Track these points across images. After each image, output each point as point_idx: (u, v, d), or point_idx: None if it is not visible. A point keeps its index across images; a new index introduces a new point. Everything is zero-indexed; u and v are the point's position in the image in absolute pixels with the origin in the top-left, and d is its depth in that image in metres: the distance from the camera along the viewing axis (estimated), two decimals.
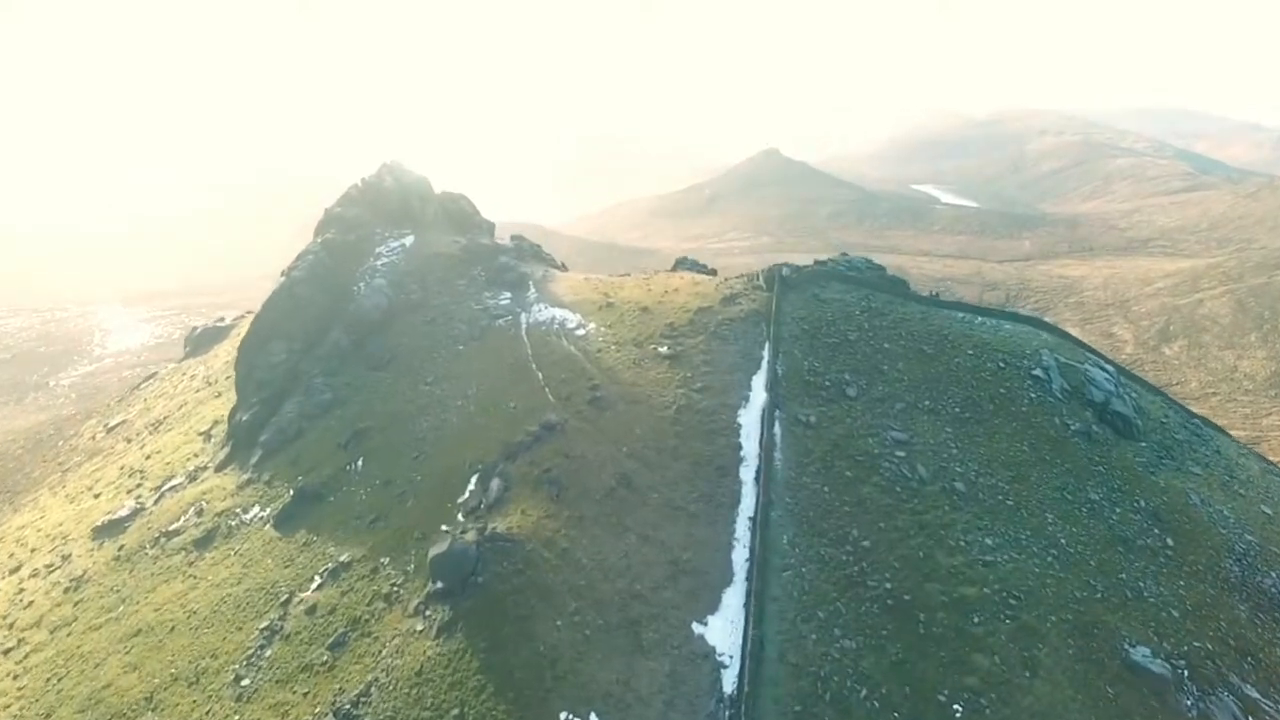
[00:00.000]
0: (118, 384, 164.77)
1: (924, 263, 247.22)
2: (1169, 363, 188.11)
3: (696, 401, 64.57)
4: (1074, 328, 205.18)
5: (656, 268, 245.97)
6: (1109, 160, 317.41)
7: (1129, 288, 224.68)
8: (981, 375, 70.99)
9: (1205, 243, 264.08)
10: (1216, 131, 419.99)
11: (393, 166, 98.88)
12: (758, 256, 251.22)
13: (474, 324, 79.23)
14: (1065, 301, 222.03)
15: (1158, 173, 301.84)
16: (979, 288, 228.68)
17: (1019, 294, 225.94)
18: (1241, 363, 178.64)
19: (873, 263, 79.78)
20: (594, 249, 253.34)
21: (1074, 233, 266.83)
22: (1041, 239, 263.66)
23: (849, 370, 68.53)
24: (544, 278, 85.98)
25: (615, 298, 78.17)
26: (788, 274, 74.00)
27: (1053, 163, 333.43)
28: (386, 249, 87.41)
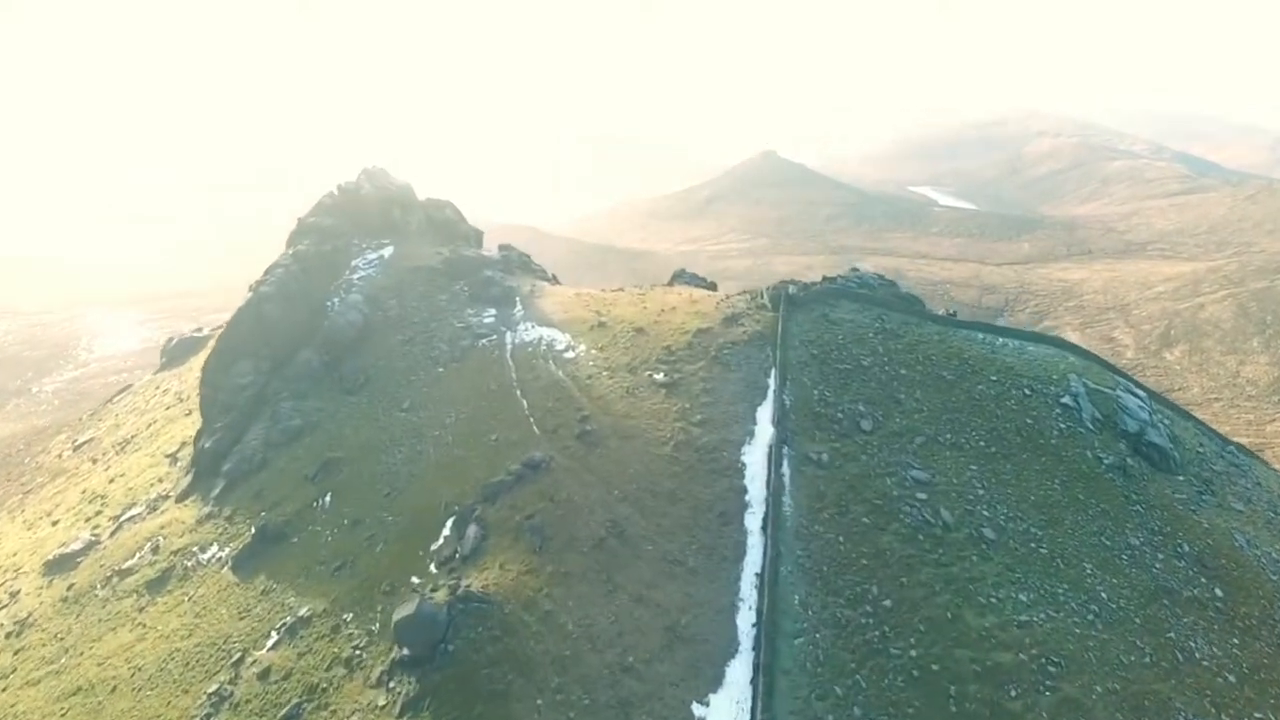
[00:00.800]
0: (102, 390, 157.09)
1: (922, 265, 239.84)
2: (1170, 368, 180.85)
3: (696, 437, 57.01)
4: (1074, 332, 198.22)
5: (654, 270, 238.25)
6: (1107, 162, 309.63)
7: (1129, 291, 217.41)
8: (1006, 404, 63.50)
9: (1204, 246, 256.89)
10: (1213, 133, 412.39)
11: (373, 172, 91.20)
12: (756, 259, 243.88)
13: (455, 344, 71.62)
14: (1065, 305, 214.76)
15: (1155, 175, 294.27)
16: (978, 291, 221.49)
17: (1018, 297, 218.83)
18: (1244, 368, 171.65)
19: (885, 278, 72.28)
20: (590, 251, 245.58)
21: (1072, 235, 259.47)
22: (1040, 241, 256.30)
23: (863, 400, 60.98)
24: (531, 293, 78.26)
25: (607, 316, 70.52)
26: (794, 292, 66.41)
27: (1050, 164, 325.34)
28: (364, 261, 79.77)
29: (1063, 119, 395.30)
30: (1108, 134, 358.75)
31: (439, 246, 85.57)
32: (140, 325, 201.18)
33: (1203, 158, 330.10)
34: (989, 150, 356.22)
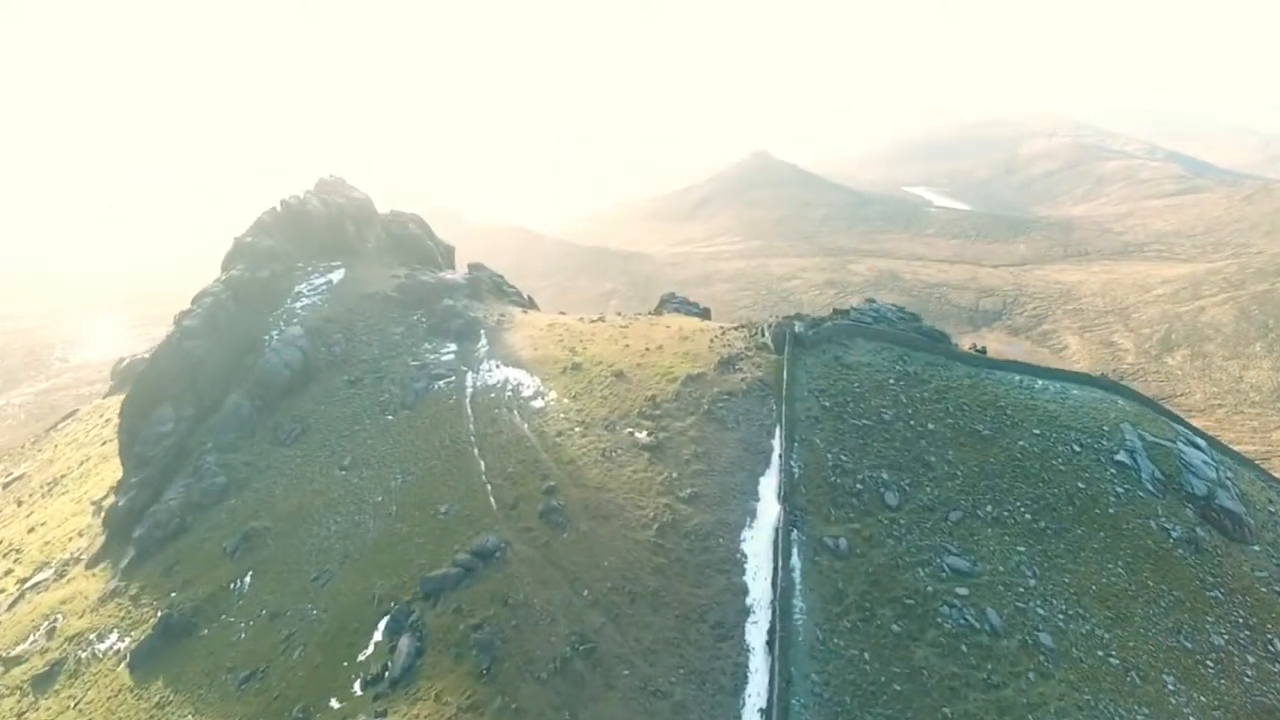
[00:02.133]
0: (72, 403, 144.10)
1: (918, 267, 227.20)
2: (1172, 373, 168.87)
3: (685, 517, 44.54)
4: (1073, 336, 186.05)
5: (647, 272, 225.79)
6: (1101, 162, 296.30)
7: (1128, 294, 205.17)
8: (1053, 464, 51.18)
9: (1201, 247, 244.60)
10: (1206, 133, 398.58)
11: (330, 183, 78.45)
12: (749, 261, 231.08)
13: (408, 386, 59.06)
14: (1063, 308, 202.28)
15: (1150, 175, 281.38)
16: (975, 294, 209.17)
17: (1015, 300, 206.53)
18: (1247, 373, 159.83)
19: (904, 311, 59.69)
20: (584, 253, 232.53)
21: (1068, 236, 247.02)
22: (1036, 243, 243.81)
23: (886, 465, 48.55)
24: (499, 324, 65.48)
25: (583, 355, 57.90)
26: (801, 331, 53.77)
27: (1045, 165, 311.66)
28: (308, 288, 67.17)
29: (1057, 119, 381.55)
30: (1102, 134, 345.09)
31: (400, 268, 72.90)
32: (122, 332, 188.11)
33: (1196, 157, 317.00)
34: (983, 150, 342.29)
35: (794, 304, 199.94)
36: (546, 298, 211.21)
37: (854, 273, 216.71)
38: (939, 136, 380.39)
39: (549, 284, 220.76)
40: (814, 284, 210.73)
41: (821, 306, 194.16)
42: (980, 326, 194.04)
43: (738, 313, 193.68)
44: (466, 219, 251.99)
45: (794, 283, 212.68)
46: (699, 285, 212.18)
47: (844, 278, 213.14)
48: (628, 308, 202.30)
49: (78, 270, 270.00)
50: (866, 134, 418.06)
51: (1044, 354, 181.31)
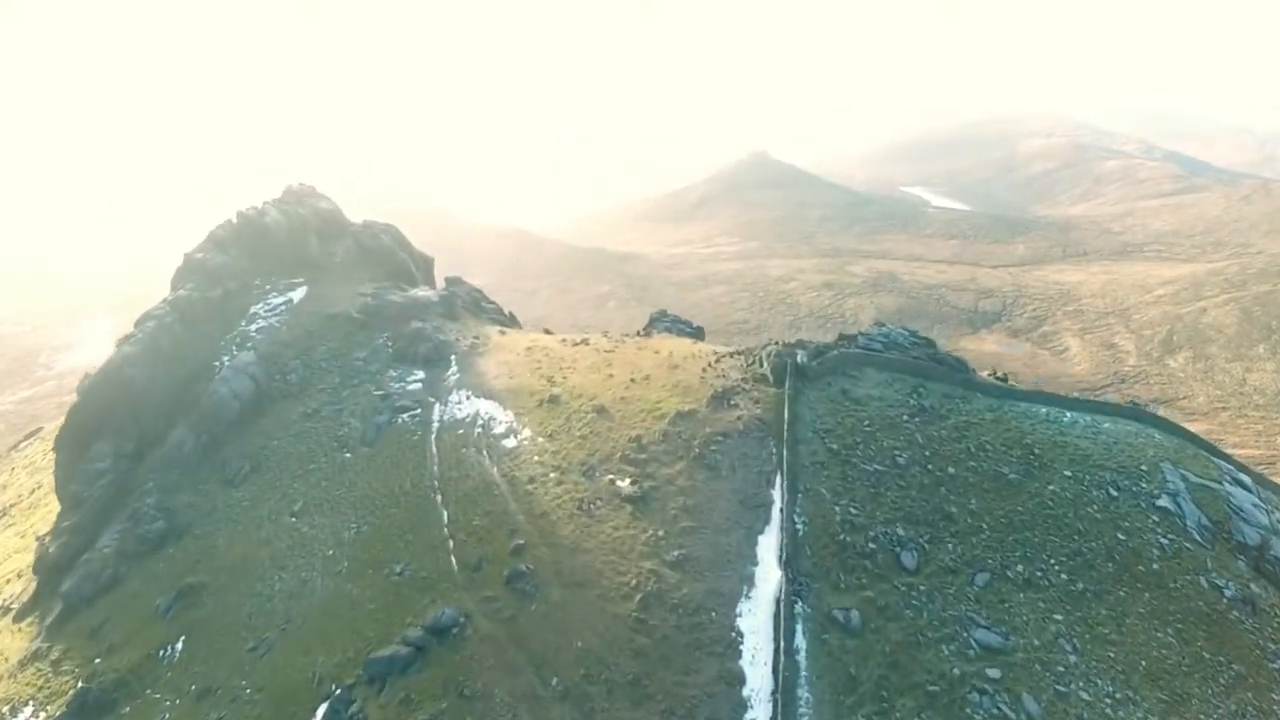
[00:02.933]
0: (55, 412, 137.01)
1: (917, 269, 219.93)
2: (1174, 375, 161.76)
3: (672, 586, 37.45)
4: (1074, 338, 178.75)
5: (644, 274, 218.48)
6: (1099, 162, 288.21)
7: (1128, 295, 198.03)
8: (1089, 512, 44.14)
9: (1201, 247, 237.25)
10: (1202, 132, 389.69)
11: (298, 192, 71.16)
12: (747, 262, 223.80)
13: (369, 420, 51.97)
14: (1063, 310, 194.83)
15: (1148, 175, 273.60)
16: (974, 295, 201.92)
17: (1015, 301, 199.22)
18: (1250, 375, 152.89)
19: (917, 335, 52.37)
20: (580, 255, 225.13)
21: (1067, 236, 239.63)
22: (1035, 243, 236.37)
23: (902, 518, 41.46)
24: (473, 348, 58.19)
25: (563, 386, 50.74)
26: (804, 361, 46.56)
27: (1043, 164, 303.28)
28: (265, 308, 60.03)
29: (1054, 118, 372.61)
30: (1099, 133, 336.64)
31: (368, 284, 65.68)
32: (112, 336, 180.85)
33: (1193, 157, 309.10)
34: (981, 150, 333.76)
35: (792, 306, 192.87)
36: (543, 299, 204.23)
37: (852, 274, 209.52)
38: (936, 136, 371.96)
39: (546, 286, 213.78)
40: (812, 285, 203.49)
41: (820, 309, 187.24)
42: (980, 328, 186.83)
43: (735, 315, 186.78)
44: (464, 220, 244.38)
45: (792, 284, 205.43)
46: (696, 287, 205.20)
47: (842, 279, 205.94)
48: (624, 310, 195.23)
49: (77, 270, 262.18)
50: (864, 133, 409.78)
51: (1045, 356, 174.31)
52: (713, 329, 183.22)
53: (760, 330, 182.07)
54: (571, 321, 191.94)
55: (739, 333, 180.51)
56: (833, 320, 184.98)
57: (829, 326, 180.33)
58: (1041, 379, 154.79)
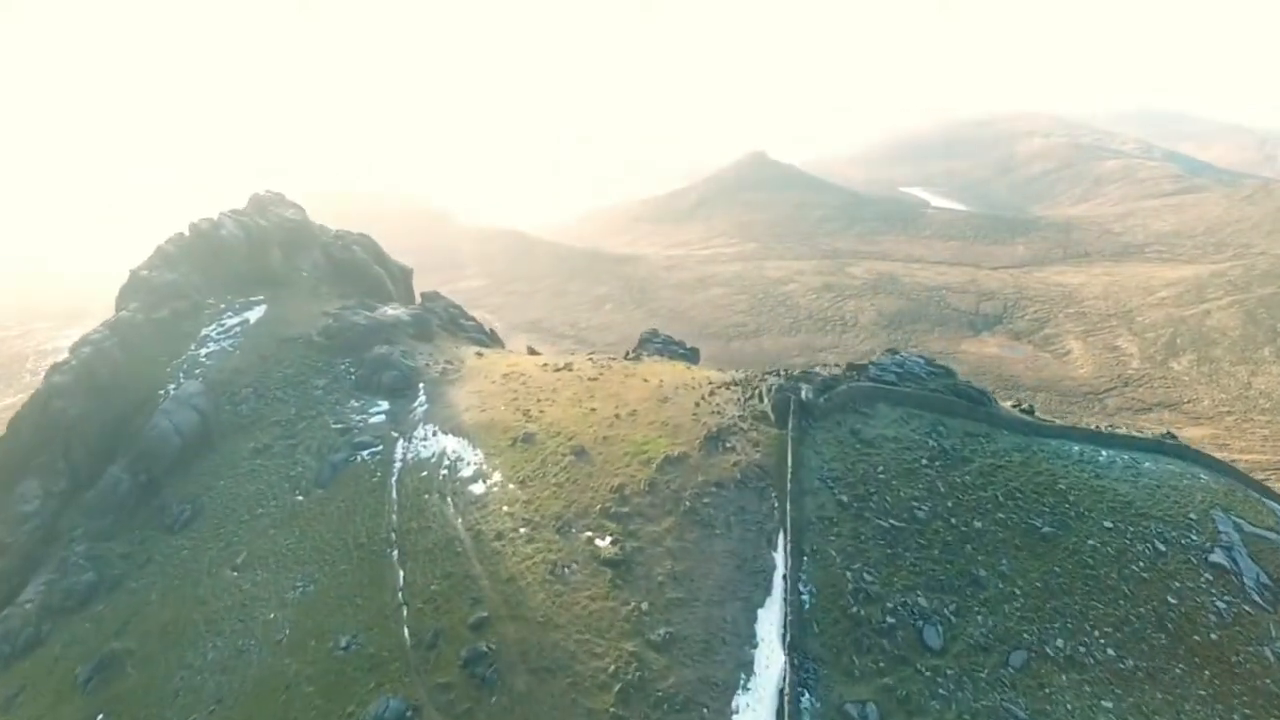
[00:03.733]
0: None
1: (917, 270, 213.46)
2: (1178, 379, 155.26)
3: (657, 674, 31.05)
4: (1076, 340, 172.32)
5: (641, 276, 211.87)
6: (1098, 162, 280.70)
7: (1131, 297, 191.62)
8: (1134, 571, 37.78)
9: (1203, 248, 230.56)
10: (1200, 132, 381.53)
11: (266, 200, 64.65)
12: (746, 264, 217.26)
13: (326, 458, 45.64)
14: (1065, 312, 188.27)
15: (1148, 175, 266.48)
16: (975, 297, 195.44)
17: (1016, 303, 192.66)
18: (1256, 379, 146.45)
19: (934, 364, 45.83)
20: (577, 257, 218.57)
21: (1068, 237, 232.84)
22: (1035, 244, 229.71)
23: (923, 584, 35.06)
24: (444, 374, 51.73)
25: (539, 422, 44.32)
26: (809, 398, 40.08)
27: (1042, 165, 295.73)
28: (219, 330, 53.64)
29: (1052, 118, 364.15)
30: (1098, 133, 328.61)
31: (335, 300, 59.30)
32: None
33: (1191, 157, 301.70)
34: (980, 150, 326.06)
35: (791, 308, 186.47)
36: (540, 301, 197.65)
37: (852, 275, 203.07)
38: (935, 136, 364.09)
39: (543, 288, 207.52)
40: (811, 287, 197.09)
41: (819, 311, 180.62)
42: (981, 331, 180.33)
43: (734, 317, 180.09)
44: (462, 221, 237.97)
45: (791, 286, 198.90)
46: (694, 289, 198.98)
47: (841, 281, 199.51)
48: (621, 311, 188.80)
49: (77, 271, 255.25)
50: (862, 134, 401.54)
51: (1047, 358, 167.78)
52: (711, 332, 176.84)
53: (760, 333, 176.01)
54: (569, 323, 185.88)
55: (737, 335, 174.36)
56: (832, 323, 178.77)
57: (828, 329, 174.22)
58: (1044, 382, 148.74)
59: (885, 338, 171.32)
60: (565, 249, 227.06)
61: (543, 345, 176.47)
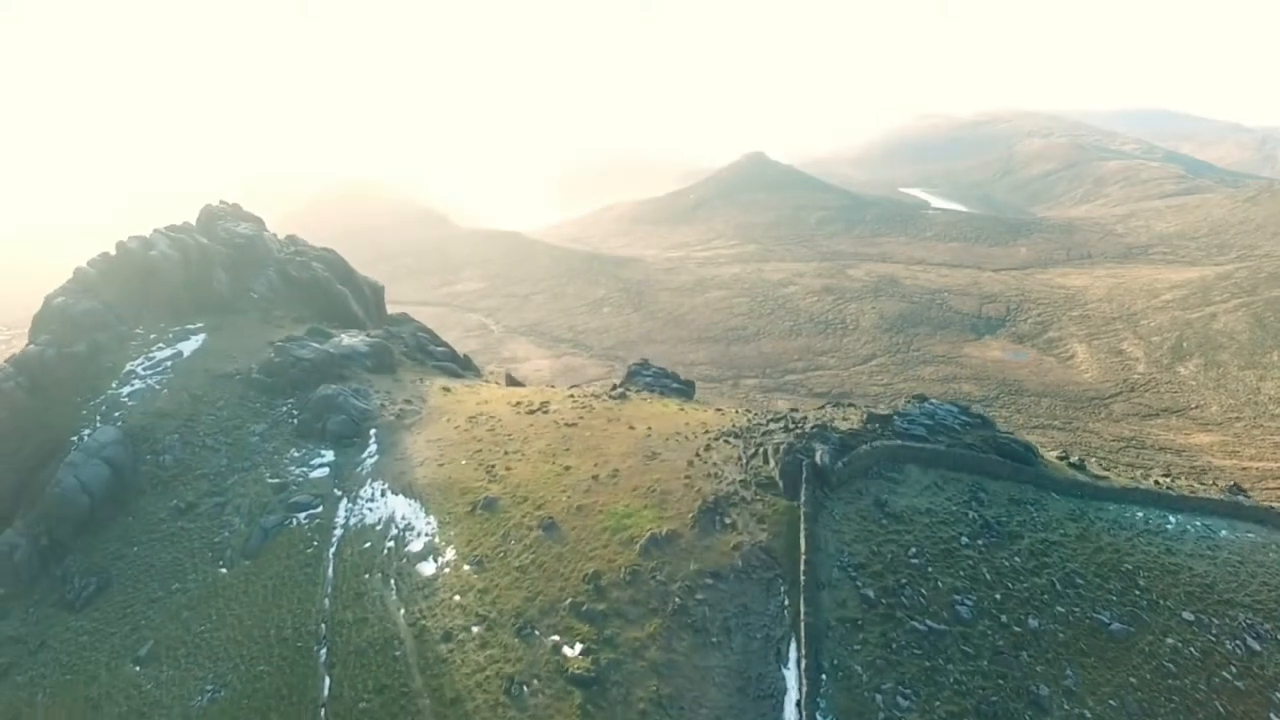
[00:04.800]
0: None
1: (918, 272, 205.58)
2: (1185, 384, 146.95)
3: None
4: (1081, 344, 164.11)
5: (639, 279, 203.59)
6: (1100, 163, 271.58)
7: (1135, 299, 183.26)
8: (1224, 680, 29.84)
9: (1207, 249, 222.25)
10: (1200, 133, 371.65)
11: (219, 212, 56.49)
12: (745, 265, 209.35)
13: (256, 520, 37.74)
14: (1069, 315, 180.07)
15: (1150, 175, 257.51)
16: (977, 300, 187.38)
17: (1020, 306, 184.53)
18: (1265, 384, 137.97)
19: (968, 411, 37.51)
20: (576, 259, 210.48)
21: (1070, 239, 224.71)
22: (1038, 246, 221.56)
23: (973, 709, 27.09)
24: (401, 416, 43.64)
25: (504, 482, 36.29)
26: (826, 462, 31.90)
27: (1043, 165, 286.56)
28: (146, 365, 45.65)
29: (1052, 118, 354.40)
30: (1098, 134, 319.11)
31: (292, 324, 51.28)
32: None
33: (1192, 157, 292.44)
34: (979, 150, 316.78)
35: (791, 311, 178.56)
36: (537, 304, 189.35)
37: (852, 278, 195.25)
38: (934, 136, 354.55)
39: (540, 290, 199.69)
40: (812, 290, 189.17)
41: (820, 314, 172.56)
42: (984, 334, 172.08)
43: (733, 320, 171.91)
44: (458, 223, 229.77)
45: (791, 289, 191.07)
46: (693, 292, 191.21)
47: (842, 283, 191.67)
48: (620, 315, 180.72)
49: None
50: (862, 134, 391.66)
51: (1051, 362, 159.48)
52: (710, 335, 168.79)
53: (759, 336, 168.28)
54: (567, 326, 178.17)
55: (737, 339, 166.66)
56: (833, 326, 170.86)
57: (829, 332, 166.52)
58: (1048, 387, 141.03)
59: (887, 341, 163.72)
60: (563, 251, 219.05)
61: (540, 348, 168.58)
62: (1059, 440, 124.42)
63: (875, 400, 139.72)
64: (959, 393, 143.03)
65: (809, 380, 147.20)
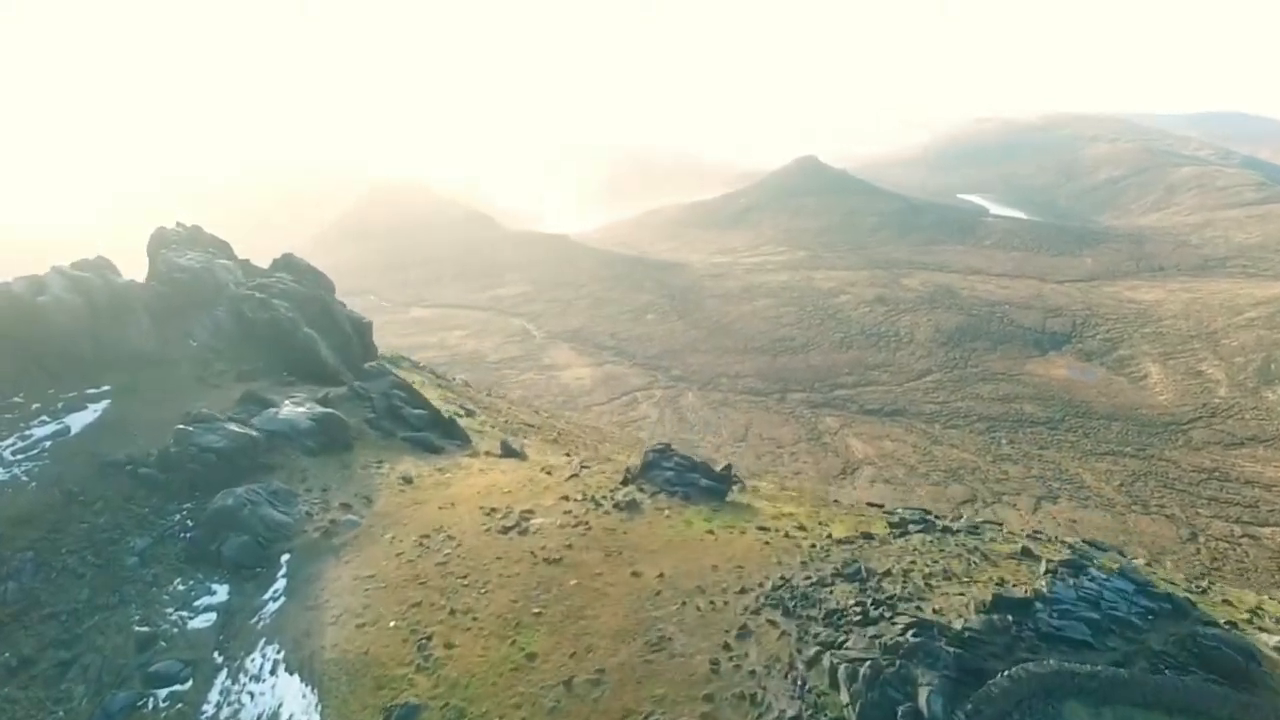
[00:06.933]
0: None
1: (977, 282, 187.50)
2: (1273, 410, 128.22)
3: None
4: (1155, 364, 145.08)
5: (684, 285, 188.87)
6: (1172, 169, 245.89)
7: (1215, 316, 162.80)
8: None
9: None
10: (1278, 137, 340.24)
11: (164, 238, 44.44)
12: (794, 273, 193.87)
13: (102, 694, 25.30)
14: (1141, 332, 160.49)
15: (1227, 182, 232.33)
16: (1040, 313, 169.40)
17: (1086, 321, 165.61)
18: None
19: (1149, 589, 22.94)
20: (621, 263, 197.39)
21: (1140, 249, 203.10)
22: (1105, 256, 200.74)
23: None
24: (328, 534, 30.34)
25: (437, 675, 22.47)
26: (936, 712, 18.00)
27: (1110, 171, 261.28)
28: (17, 446, 33.12)
29: (1117, 121, 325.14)
30: (1169, 138, 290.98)
31: (228, 384, 38.91)
32: None
33: (1271, 163, 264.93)
34: (1040, 155, 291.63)
35: (842, 321, 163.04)
36: (579, 310, 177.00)
37: (906, 288, 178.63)
38: (991, 140, 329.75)
39: (583, 296, 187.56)
40: (864, 300, 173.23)
41: (872, 325, 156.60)
42: (1049, 350, 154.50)
43: (781, 330, 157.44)
44: (502, 226, 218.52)
45: (843, 298, 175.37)
46: (740, 300, 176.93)
47: (896, 293, 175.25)
48: (664, 323, 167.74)
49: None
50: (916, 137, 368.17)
51: (1121, 383, 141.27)
52: (757, 345, 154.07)
53: (808, 348, 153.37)
54: (609, 333, 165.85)
55: (784, 350, 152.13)
56: (886, 338, 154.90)
57: (882, 345, 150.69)
58: (1119, 410, 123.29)
59: (943, 355, 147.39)
60: (608, 255, 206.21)
61: (582, 355, 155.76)
62: (1131, 469, 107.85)
63: (930, 419, 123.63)
64: (1021, 413, 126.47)
65: (860, 395, 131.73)
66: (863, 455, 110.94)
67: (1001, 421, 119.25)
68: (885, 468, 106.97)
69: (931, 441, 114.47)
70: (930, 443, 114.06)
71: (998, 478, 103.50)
